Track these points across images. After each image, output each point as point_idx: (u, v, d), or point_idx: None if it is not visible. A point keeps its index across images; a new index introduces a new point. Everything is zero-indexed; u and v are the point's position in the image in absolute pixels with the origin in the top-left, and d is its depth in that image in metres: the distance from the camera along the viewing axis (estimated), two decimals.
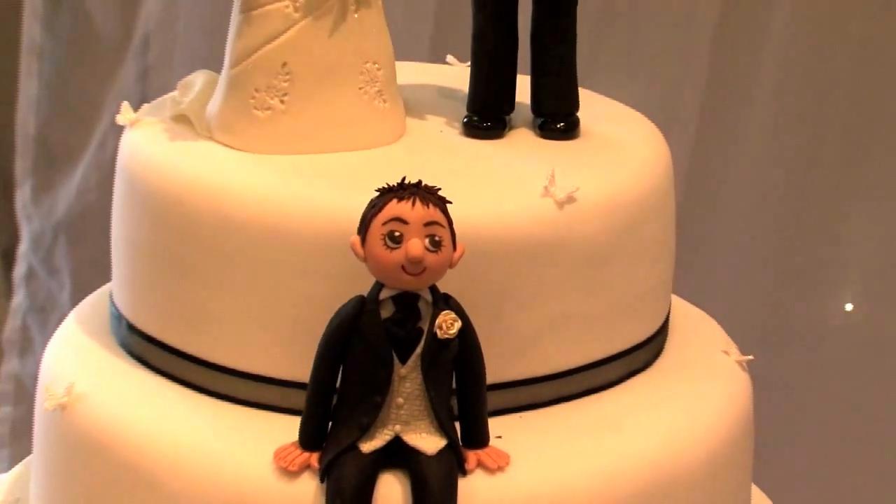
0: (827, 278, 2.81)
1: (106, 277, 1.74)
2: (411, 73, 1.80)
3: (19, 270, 3.75)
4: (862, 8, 2.67)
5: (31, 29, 3.61)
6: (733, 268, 2.80)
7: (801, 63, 2.70)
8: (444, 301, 1.41)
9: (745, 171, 2.78)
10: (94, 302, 1.76)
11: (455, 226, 1.39)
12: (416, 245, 1.37)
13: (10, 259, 3.82)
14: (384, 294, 1.40)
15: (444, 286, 1.41)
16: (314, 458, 1.42)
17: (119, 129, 1.69)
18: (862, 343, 2.79)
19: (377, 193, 1.39)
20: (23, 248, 3.74)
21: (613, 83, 2.66)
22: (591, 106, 1.72)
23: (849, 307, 2.81)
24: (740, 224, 2.80)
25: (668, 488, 1.50)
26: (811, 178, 2.76)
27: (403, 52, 1.76)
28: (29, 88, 3.66)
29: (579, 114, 1.69)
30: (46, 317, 3.65)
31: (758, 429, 2.63)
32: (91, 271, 3.20)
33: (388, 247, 1.37)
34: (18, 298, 3.74)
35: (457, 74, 1.78)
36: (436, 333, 1.40)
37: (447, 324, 1.40)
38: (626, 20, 2.78)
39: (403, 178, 1.39)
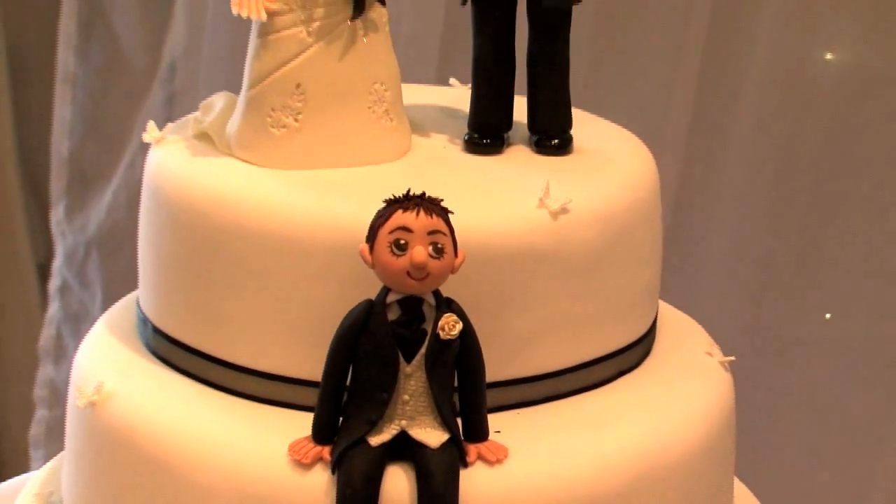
0: (808, 289, 2.80)
1: (135, 288, 1.75)
2: (417, 94, 1.80)
3: (54, 283, 3.75)
4: (839, 34, 2.67)
5: (65, 58, 3.62)
6: (720, 278, 2.80)
7: (781, 85, 2.70)
8: (446, 304, 1.42)
9: (731, 188, 2.78)
10: (122, 308, 1.76)
11: (456, 234, 1.40)
12: (419, 252, 1.37)
13: (45, 273, 3.83)
14: (391, 298, 1.41)
15: (446, 290, 1.42)
16: (326, 451, 1.42)
17: (147, 150, 1.70)
18: (839, 349, 2.79)
19: (384, 204, 1.40)
20: (57, 262, 3.75)
21: (609, 102, 2.68)
22: (584, 124, 1.73)
23: (827, 316, 2.81)
24: (727, 237, 2.80)
25: (655, 479, 1.50)
26: (793, 195, 2.76)
27: (412, 75, 1.77)
28: (63, 114, 3.67)
29: (572, 131, 1.69)
30: (79, 326, 3.65)
31: (741, 426, 2.63)
32: (121, 283, 3.19)
33: (395, 254, 1.38)
34: (53, 309, 3.75)
35: (459, 95, 1.78)
36: (439, 334, 1.40)
37: (449, 325, 1.40)
38: (621, 44, 2.78)
39: (408, 190, 1.40)
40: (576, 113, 1.71)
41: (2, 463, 3.87)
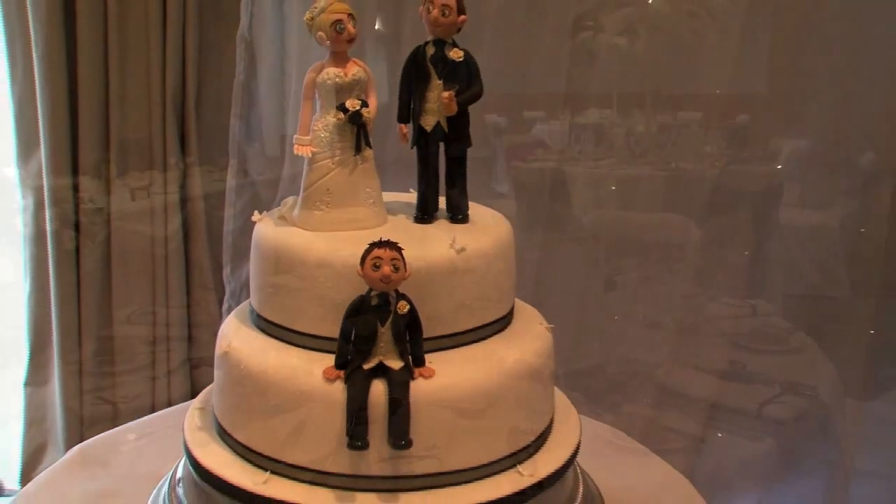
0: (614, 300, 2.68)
1: None
2: (394, 196, 1.76)
3: (224, 308, 3.70)
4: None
5: (231, 198, 3.58)
6: (576, 287, 2.67)
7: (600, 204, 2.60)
8: (402, 296, 1.39)
9: (573, 248, 2.66)
10: (242, 307, 1.69)
11: (407, 260, 1.38)
12: (386, 270, 1.36)
13: (221, 303, 3.78)
14: (372, 293, 1.39)
15: (401, 289, 1.39)
16: (341, 373, 1.39)
17: None
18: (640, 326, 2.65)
19: (368, 245, 1.38)
20: (226, 297, 3.70)
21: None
22: (475, 209, 1.68)
23: (616, 318, 2.71)
24: (575, 266, 2.66)
25: (511, 384, 1.46)
26: (612, 252, 2.64)
27: (406, 184, 1.73)
28: (228, 225, 3.64)
29: (469, 212, 1.65)
30: None
31: (565, 363, 2.48)
32: None
33: (374, 271, 1.36)
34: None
35: (413, 196, 1.74)
36: (398, 311, 1.38)
37: (402, 306, 1.38)
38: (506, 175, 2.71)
39: (381, 238, 1.38)
40: (472, 204, 1.67)
41: None
